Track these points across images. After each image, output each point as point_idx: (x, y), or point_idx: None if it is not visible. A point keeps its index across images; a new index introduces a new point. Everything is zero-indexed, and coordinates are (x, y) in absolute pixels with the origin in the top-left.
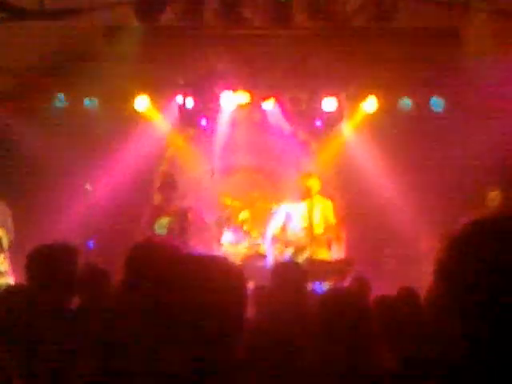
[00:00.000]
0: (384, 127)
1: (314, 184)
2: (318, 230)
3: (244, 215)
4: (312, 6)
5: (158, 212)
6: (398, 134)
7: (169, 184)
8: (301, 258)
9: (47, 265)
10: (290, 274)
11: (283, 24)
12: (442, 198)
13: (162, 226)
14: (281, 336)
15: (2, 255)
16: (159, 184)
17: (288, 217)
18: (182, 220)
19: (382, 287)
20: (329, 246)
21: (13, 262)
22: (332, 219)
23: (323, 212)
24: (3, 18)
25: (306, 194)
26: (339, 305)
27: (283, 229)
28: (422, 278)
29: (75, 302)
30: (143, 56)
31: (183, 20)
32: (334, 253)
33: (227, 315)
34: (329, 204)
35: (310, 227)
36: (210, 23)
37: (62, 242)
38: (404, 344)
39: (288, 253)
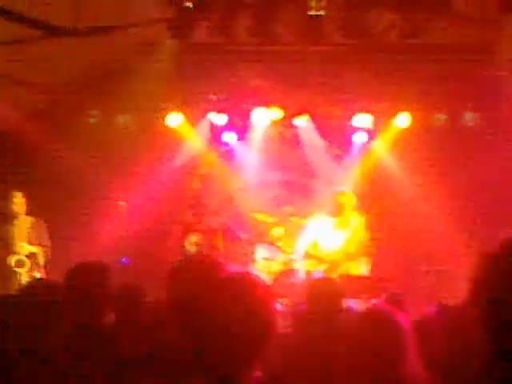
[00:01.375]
0: (417, 143)
1: (349, 200)
2: (351, 246)
3: (277, 231)
4: (344, 23)
5: (188, 229)
6: (432, 150)
7: (198, 202)
8: (334, 275)
9: (82, 284)
10: (326, 290)
11: (315, 40)
12: (478, 214)
13: (191, 243)
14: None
15: (38, 272)
16: (189, 202)
17: (320, 233)
18: (212, 238)
19: (417, 303)
20: (360, 262)
21: (49, 278)
22: (364, 235)
23: (356, 228)
24: (38, 36)
25: (340, 210)
26: (375, 323)
27: (315, 244)
28: (458, 295)
29: (110, 318)
30: (176, 73)
31: (216, 37)
32: (365, 269)
33: (255, 333)
34: (362, 220)
35: (343, 243)
36: (242, 39)
37: (96, 260)
38: (440, 361)
39: (321, 269)
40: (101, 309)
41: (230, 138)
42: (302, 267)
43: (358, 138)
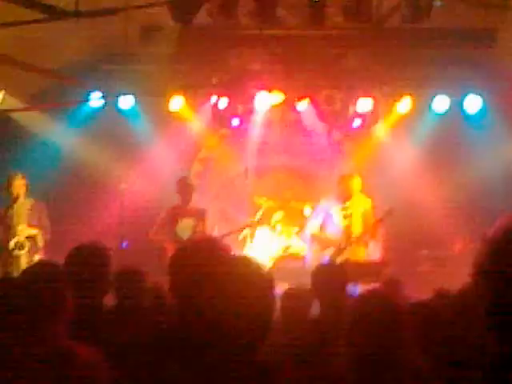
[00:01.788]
0: (419, 127)
1: (356, 184)
2: (358, 230)
3: (278, 216)
4: (346, 6)
5: (178, 214)
6: (433, 134)
7: (187, 187)
8: (339, 259)
9: (82, 265)
10: (333, 277)
11: (317, 24)
12: (477, 198)
13: (184, 228)
14: (317, 338)
15: (37, 255)
16: (177, 187)
17: (327, 217)
18: (203, 221)
19: (417, 288)
20: (366, 246)
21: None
22: (371, 218)
23: (363, 212)
24: (39, 19)
25: (346, 194)
26: (372, 307)
27: (322, 228)
28: (457, 278)
29: (111, 301)
30: (178, 56)
31: (218, 20)
32: (372, 252)
33: (255, 316)
34: (369, 203)
35: (349, 228)
36: (244, 23)
37: (95, 242)
38: (438, 346)
39: (327, 253)
40: (101, 290)
41: (231, 121)
42: (309, 251)
43: (359, 123)
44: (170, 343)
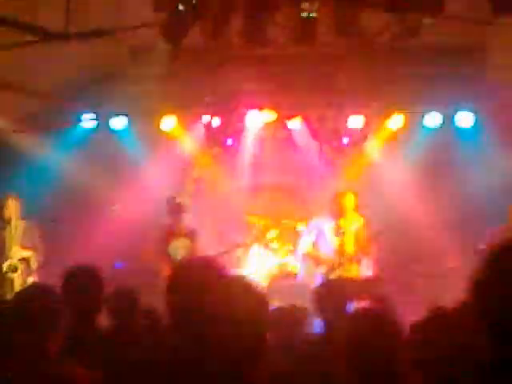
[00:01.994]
0: (410, 143)
1: (349, 202)
2: (350, 247)
3: (272, 234)
4: (337, 24)
5: (169, 234)
6: (425, 150)
7: (176, 207)
8: (333, 277)
9: (76, 287)
10: (334, 294)
11: (308, 42)
12: (468, 214)
13: (177, 248)
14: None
15: (31, 277)
16: (167, 207)
17: (320, 234)
18: (194, 241)
19: (411, 304)
20: (359, 264)
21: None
22: (363, 236)
23: (356, 230)
24: (30, 41)
25: (340, 212)
26: (363, 326)
27: (315, 246)
28: (450, 294)
29: (104, 321)
30: (169, 76)
31: (208, 40)
32: (364, 270)
33: (250, 335)
34: (361, 221)
35: (342, 246)
36: (234, 43)
37: (88, 264)
38: (433, 364)
39: (320, 271)
40: (95, 310)
41: (223, 140)
42: (301, 269)
43: (352, 140)
44: (165, 363)
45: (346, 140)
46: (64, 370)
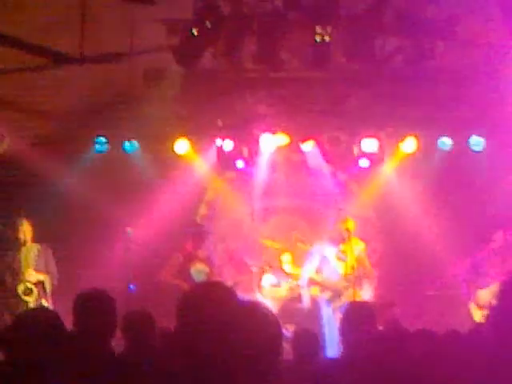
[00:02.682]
0: (424, 167)
1: (350, 227)
2: (354, 272)
3: (286, 257)
4: (350, 48)
5: (191, 258)
6: (438, 174)
7: (201, 233)
8: (339, 302)
9: (89, 310)
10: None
11: (321, 65)
12: (483, 236)
13: (199, 272)
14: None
15: (45, 300)
16: (190, 231)
17: (323, 259)
18: (213, 266)
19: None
20: (361, 288)
21: (57, 306)
22: (365, 261)
23: (358, 254)
24: (45, 64)
25: (344, 237)
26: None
27: (318, 271)
28: (465, 318)
29: (120, 345)
30: (182, 99)
31: (222, 64)
32: (365, 294)
33: (263, 360)
34: (362, 245)
35: (346, 270)
36: (248, 66)
37: (100, 288)
38: None
39: (325, 296)
40: (108, 335)
41: (236, 164)
42: (306, 293)
43: (365, 163)
44: None
45: (362, 163)
46: None
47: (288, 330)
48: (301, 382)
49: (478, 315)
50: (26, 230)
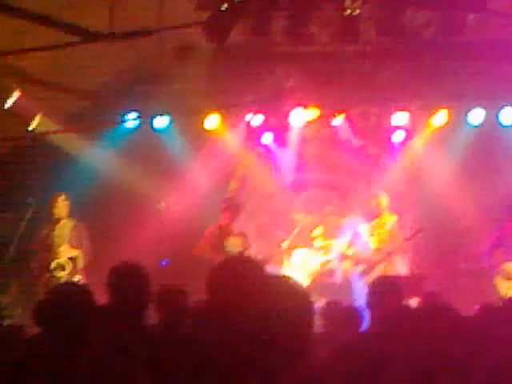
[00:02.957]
0: (455, 140)
1: (383, 202)
2: (386, 247)
3: (317, 231)
4: (380, 22)
5: (226, 232)
6: (469, 147)
7: (233, 207)
8: (372, 275)
9: (124, 284)
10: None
11: (350, 39)
12: None
13: (233, 246)
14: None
15: (78, 276)
16: (224, 205)
17: (355, 234)
18: (247, 240)
19: (456, 302)
20: (393, 262)
21: (90, 281)
22: (397, 235)
23: (390, 229)
24: (75, 42)
25: (376, 213)
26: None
27: (351, 245)
28: (497, 293)
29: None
30: (213, 75)
31: (251, 39)
32: (399, 268)
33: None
34: (394, 219)
35: (379, 245)
36: (277, 41)
37: (134, 262)
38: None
39: (358, 270)
40: (142, 309)
41: (267, 138)
42: (338, 267)
43: (396, 137)
44: (209, 361)
45: (396, 136)
46: None
47: (319, 304)
48: (331, 355)
49: (505, 287)
50: (61, 207)
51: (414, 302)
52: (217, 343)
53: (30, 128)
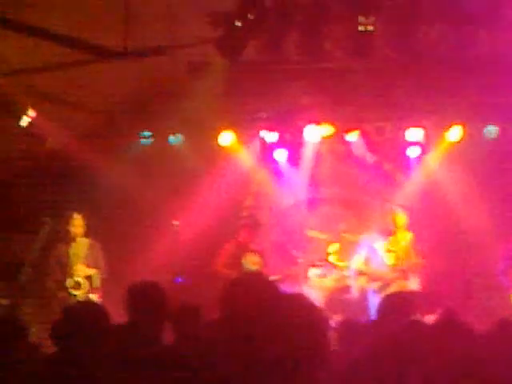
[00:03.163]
0: (470, 156)
1: (401, 220)
2: (401, 264)
3: (333, 248)
4: (394, 37)
5: (243, 248)
6: (485, 162)
7: (254, 221)
8: (388, 292)
9: (141, 302)
10: (399, 306)
11: (364, 55)
12: None
13: (251, 263)
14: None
15: (94, 294)
16: (243, 222)
17: (371, 250)
18: (263, 258)
19: (471, 318)
20: (407, 279)
21: (105, 299)
22: (412, 253)
23: (405, 246)
24: (89, 59)
25: (393, 230)
26: (453, 334)
27: (367, 262)
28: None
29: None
30: (227, 91)
31: (265, 55)
32: (414, 285)
33: (309, 353)
34: (410, 236)
35: (393, 262)
36: (291, 57)
37: (151, 280)
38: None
39: (373, 286)
40: (158, 327)
41: (281, 155)
42: (354, 284)
43: (410, 153)
44: (223, 377)
45: (411, 152)
46: None
47: (335, 320)
48: (344, 371)
49: None
50: (77, 225)
51: (429, 319)
52: (229, 360)
53: (45, 146)
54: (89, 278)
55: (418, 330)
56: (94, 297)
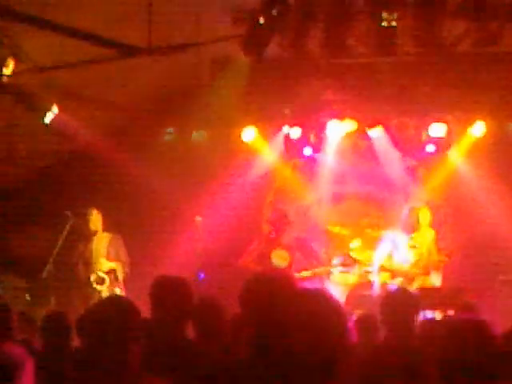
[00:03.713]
0: (493, 151)
1: (425, 216)
2: (424, 260)
3: (355, 244)
4: (417, 33)
5: (273, 244)
6: (508, 158)
7: (282, 218)
8: (410, 288)
9: (167, 296)
10: (401, 303)
11: (387, 51)
12: None
13: (280, 258)
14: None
15: (118, 288)
16: (270, 216)
17: (394, 246)
18: (292, 253)
19: (495, 314)
20: (429, 275)
21: (129, 293)
22: (434, 249)
23: (428, 243)
24: (113, 57)
25: (416, 226)
26: (465, 336)
27: (389, 258)
28: None
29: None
30: (250, 88)
31: (288, 52)
32: (437, 281)
33: (329, 348)
34: (432, 233)
35: (418, 258)
36: (314, 53)
37: (176, 275)
38: None
39: (396, 282)
40: (183, 322)
41: (304, 151)
42: (377, 280)
43: (433, 149)
44: (245, 374)
45: (428, 148)
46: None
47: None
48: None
49: None
50: (96, 220)
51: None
52: (249, 357)
53: (69, 142)
54: (112, 272)
55: (432, 328)
56: (118, 291)
